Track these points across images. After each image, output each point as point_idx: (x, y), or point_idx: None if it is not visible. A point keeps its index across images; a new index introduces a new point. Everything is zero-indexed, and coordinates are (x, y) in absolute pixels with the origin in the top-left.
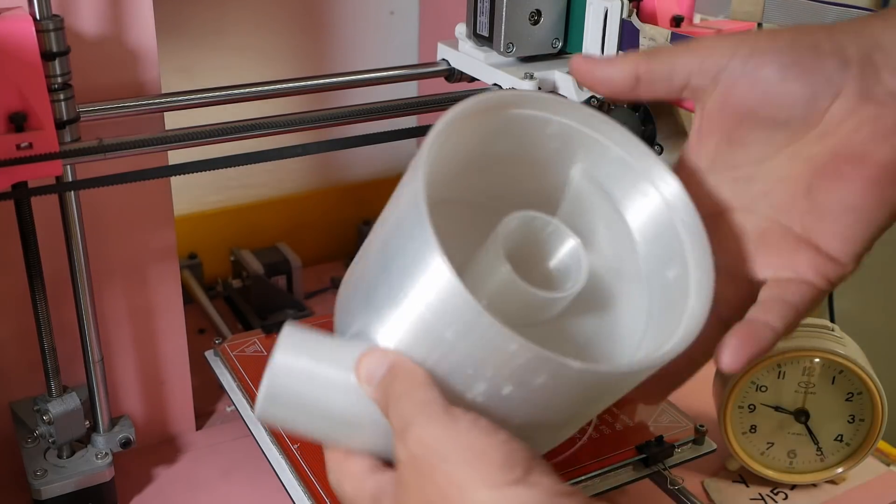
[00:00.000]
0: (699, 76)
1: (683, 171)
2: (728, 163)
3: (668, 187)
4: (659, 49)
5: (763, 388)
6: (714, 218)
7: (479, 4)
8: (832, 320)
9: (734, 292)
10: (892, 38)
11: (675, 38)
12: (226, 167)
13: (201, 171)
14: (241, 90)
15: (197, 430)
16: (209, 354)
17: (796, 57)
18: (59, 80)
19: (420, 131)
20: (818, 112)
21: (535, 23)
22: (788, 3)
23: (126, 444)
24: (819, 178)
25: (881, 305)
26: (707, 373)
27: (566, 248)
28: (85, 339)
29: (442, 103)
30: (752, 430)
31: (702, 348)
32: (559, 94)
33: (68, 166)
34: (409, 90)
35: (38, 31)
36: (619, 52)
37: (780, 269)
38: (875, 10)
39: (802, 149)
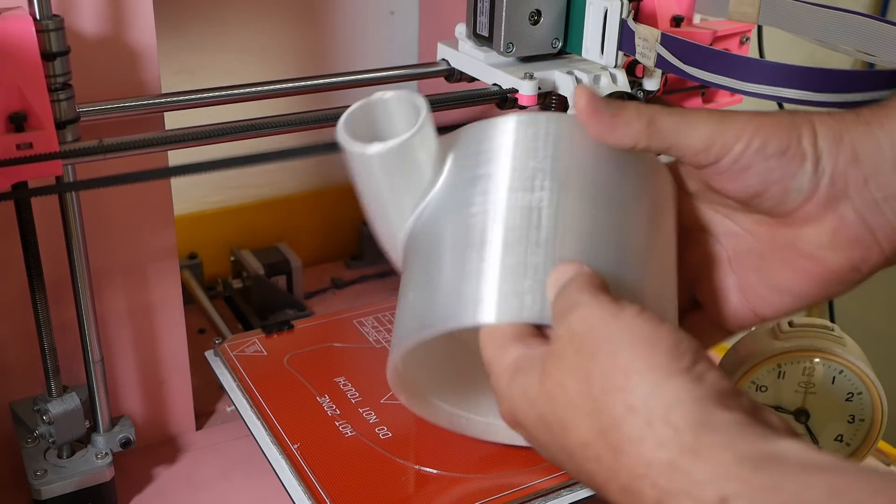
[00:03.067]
0: (693, 157)
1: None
2: (710, 196)
3: None
4: (659, 117)
5: (763, 388)
6: (690, 232)
7: (479, 4)
8: (832, 320)
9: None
10: (869, 148)
11: (665, 38)
12: (226, 168)
13: (201, 172)
14: (241, 90)
15: (197, 430)
16: (209, 354)
17: (780, 161)
18: (59, 80)
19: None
20: (789, 209)
21: (535, 23)
22: (784, 4)
23: (126, 444)
24: (774, 255)
25: (881, 306)
26: None
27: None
28: (85, 339)
29: (442, 103)
30: None
31: None
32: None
33: (68, 166)
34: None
35: (38, 31)
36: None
37: (711, 302)
38: (872, 14)
39: (769, 223)
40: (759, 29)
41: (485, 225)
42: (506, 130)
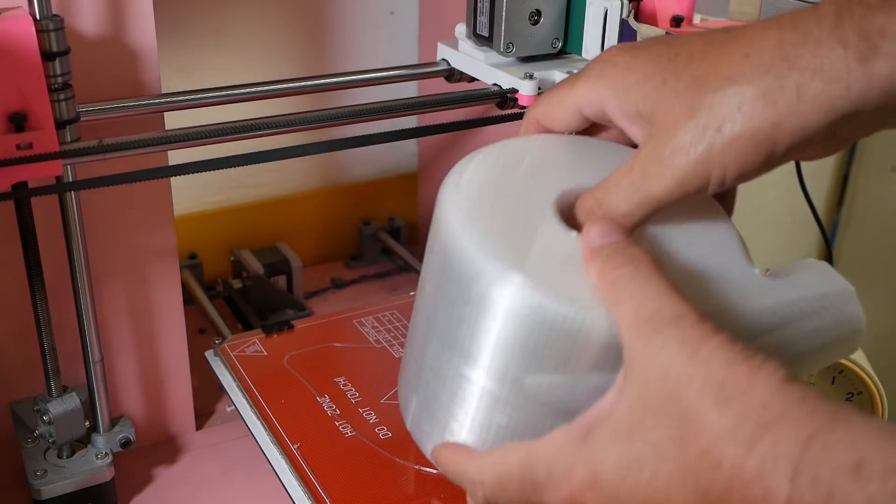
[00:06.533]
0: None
1: None
2: None
3: None
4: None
5: None
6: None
7: (479, 4)
8: None
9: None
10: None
11: None
12: (226, 167)
13: (201, 172)
14: (241, 90)
15: (197, 430)
16: (209, 354)
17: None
18: (59, 80)
19: (420, 131)
20: None
21: (535, 23)
22: (784, 4)
23: (126, 444)
24: None
25: (882, 306)
26: None
27: None
28: (85, 339)
29: (442, 103)
30: None
31: None
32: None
33: (68, 166)
34: (409, 90)
35: (38, 31)
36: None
37: None
38: None
39: None
40: None
41: None
42: None
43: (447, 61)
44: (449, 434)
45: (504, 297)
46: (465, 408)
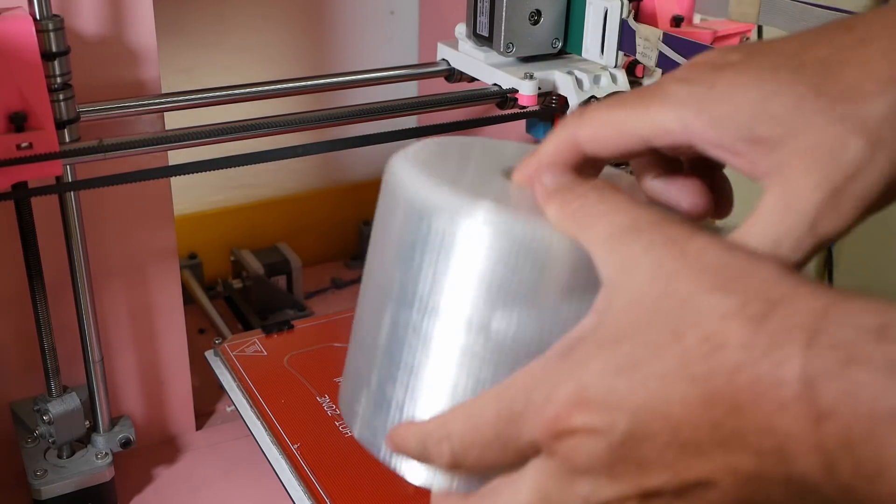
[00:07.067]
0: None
1: None
2: None
3: None
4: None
5: None
6: None
7: (479, 4)
8: None
9: None
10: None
11: (667, 38)
12: (226, 167)
13: (201, 172)
14: (242, 90)
15: (197, 430)
16: (209, 354)
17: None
18: (59, 80)
19: (420, 131)
20: None
21: (535, 23)
22: (784, 4)
23: (126, 444)
24: None
25: None
26: None
27: None
28: (85, 339)
29: (442, 103)
30: None
31: None
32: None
33: (68, 166)
34: (409, 90)
35: (38, 31)
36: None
37: None
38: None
39: None
40: (760, 29)
41: None
42: None
43: (447, 61)
44: (410, 418)
45: (467, 228)
46: (429, 379)
